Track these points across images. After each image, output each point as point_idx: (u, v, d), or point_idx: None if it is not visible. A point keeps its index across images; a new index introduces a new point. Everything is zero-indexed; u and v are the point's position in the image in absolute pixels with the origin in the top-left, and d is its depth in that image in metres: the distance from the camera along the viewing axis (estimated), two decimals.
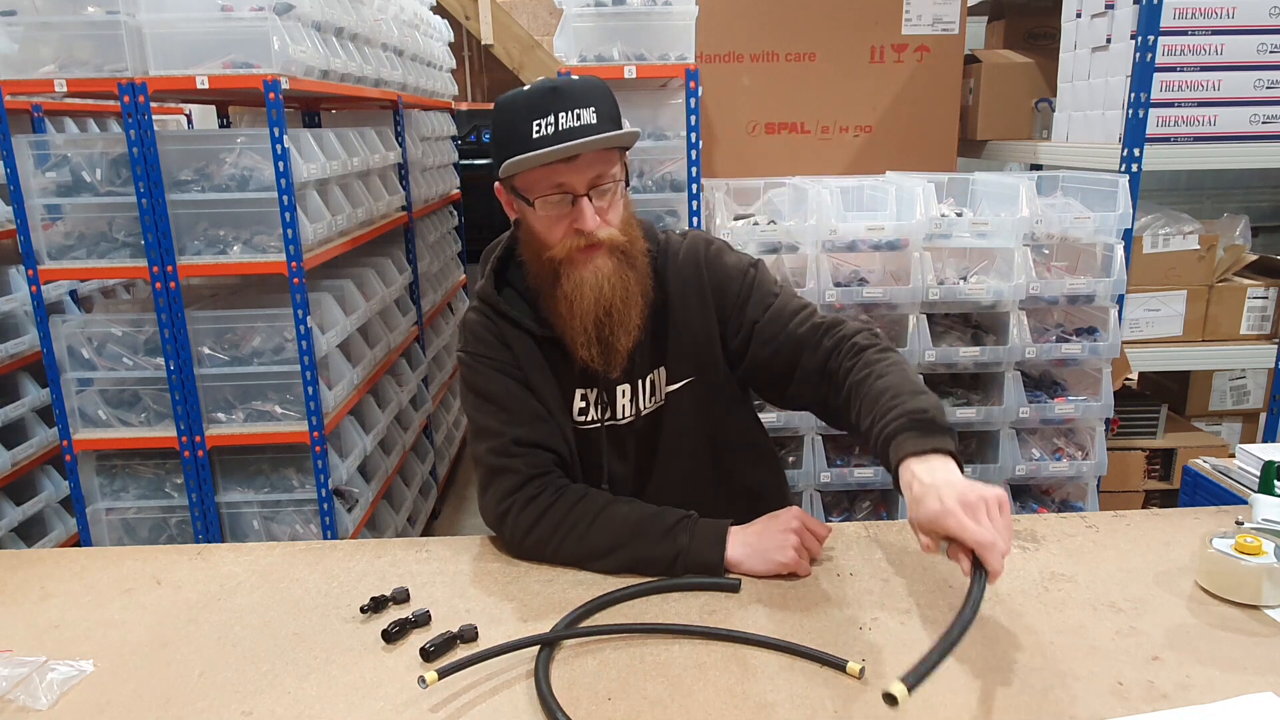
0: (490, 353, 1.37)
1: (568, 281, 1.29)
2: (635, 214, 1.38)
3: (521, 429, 1.34)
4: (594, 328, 1.30)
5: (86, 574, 1.33)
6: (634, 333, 1.33)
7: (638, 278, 1.33)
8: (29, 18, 2.17)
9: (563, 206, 1.28)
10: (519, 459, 1.33)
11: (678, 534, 1.26)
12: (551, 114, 1.23)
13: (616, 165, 1.30)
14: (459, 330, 1.45)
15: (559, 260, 1.29)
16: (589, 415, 1.40)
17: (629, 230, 1.33)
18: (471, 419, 1.39)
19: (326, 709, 0.99)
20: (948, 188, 2.66)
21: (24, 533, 2.92)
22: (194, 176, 2.26)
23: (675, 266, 1.41)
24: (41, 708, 1.00)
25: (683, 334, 1.41)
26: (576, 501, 1.31)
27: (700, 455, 1.47)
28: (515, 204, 1.34)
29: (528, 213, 1.31)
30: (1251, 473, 1.66)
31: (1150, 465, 2.82)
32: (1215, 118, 2.45)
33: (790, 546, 1.24)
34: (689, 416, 1.44)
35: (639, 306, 1.33)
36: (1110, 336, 2.37)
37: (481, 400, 1.37)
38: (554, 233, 1.29)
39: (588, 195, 1.27)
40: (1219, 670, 1.00)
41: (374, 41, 3.04)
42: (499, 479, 1.33)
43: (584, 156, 1.25)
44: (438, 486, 3.77)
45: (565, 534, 1.29)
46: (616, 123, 1.30)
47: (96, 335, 2.38)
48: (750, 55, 3.27)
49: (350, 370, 2.60)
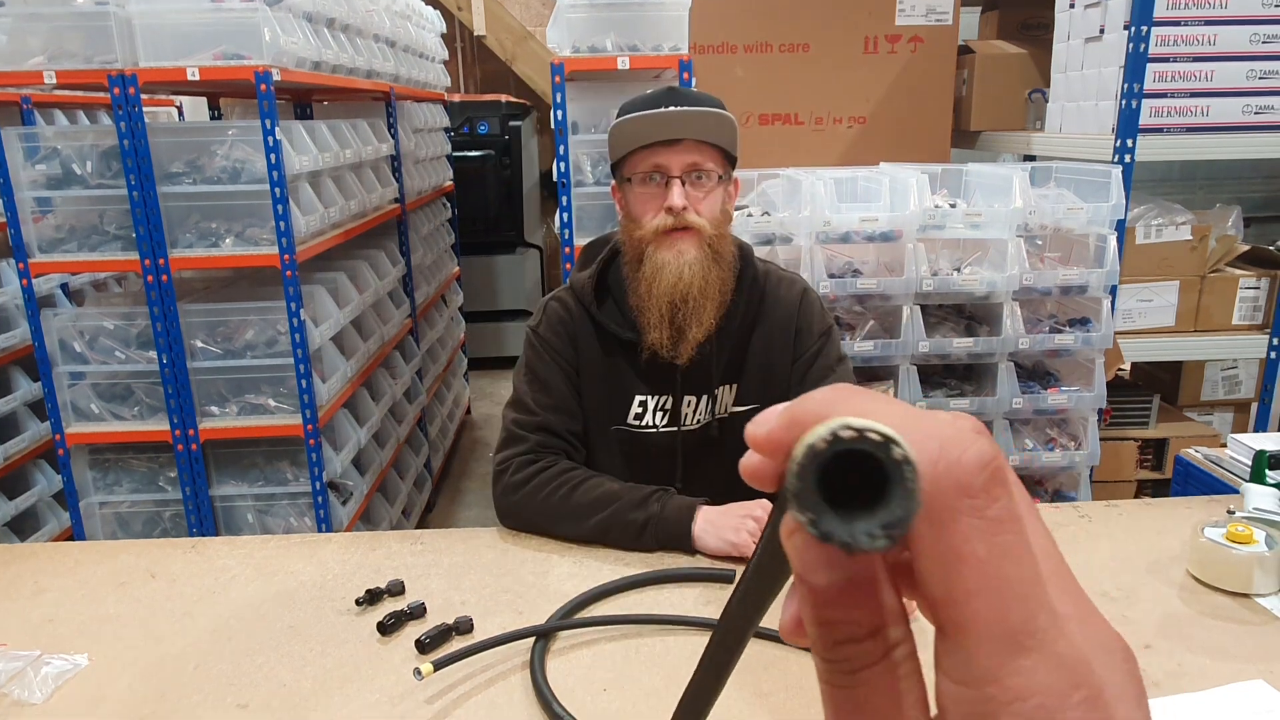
0: (556, 344, 1.47)
1: (650, 263, 1.37)
2: (733, 231, 1.46)
3: (551, 415, 1.44)
4: (668, 310, 1.37)
5: (80, 568, 1.32)
6: (706, 326, 1.39)
7: (720, 275, 1.39)
8: (17, 9, 2.16)
9: (658, 187, 1.36)
10: (536, 436, 1.43)
11: (650, 503, 1.32)
12: (663, 105, 1.36)
13: (715, 162, 1.38)
14: (540, 307, 1.53)
15: (647, 241, 1.37)
16: (645, 420, 1.47)
17: (720, 228, 1.40)
18: (515, 385, 1.50)
19: (322, 701, 0.99)
20: (941, 179, 2.66)
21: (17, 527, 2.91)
22: (185, 169, 2.25)
23: (775, 296, 1.48)
24: (36, 702, 1.00)
25: (762, 360, 1.47)
26: (567, 469, 1.40)
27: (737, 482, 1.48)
28: (620, 189, 1.43)
29: (627, 192, 1.40)
30: (1243, 462, 1.67)
31: (1143, 455, 2.83)
32: (1208, 108, 2.45)
33: (745, 530, 1.28)
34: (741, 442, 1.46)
35: (715, 302, 1.39)
36: (1103, 327, 2.38)
37: (531, 376, 1.47)
38: (647, 211, 1.37)
39: (681, 180, 1.35)
40: (1210, 658, 1.01)
41: (366, 33, 3.03)
42: (512, 444, 1.44)
43: (685, 144, 1.34)
44: (432, 479, 3.77)
45: (550, 493, 1.36)
46: (726, 135, 1.38)
47: (88, 329, 2.37)
48: (744, 46, 3.26)
49: (344, 363, 2.60)
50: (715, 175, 1.38)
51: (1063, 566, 0.23)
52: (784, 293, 1.49)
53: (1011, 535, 0.21)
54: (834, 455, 0.21)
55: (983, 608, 0.21)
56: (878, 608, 0.22)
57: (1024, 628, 0.20)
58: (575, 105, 2.49)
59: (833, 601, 0.22)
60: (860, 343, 2.39)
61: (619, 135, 1.38)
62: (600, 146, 2.51)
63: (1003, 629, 0.20)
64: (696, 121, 1.35)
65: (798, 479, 0.21)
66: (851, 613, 0.22)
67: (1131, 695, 0.21)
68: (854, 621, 0.22)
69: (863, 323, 2.47)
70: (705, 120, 1.36)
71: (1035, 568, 0.21)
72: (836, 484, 0.21)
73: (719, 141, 1.37)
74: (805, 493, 0.21)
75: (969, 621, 0.21)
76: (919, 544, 0.21)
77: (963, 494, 0.21)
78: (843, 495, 0.21)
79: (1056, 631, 0.21)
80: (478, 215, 5.23)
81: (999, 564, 0.21)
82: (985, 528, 0.21)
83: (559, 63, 2.41)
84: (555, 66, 2.41)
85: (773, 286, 1.49)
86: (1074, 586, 0.23)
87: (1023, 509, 0.22)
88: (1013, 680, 0.20)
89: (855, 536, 0.20)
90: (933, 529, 0.21)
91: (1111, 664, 0.21)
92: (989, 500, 0.21)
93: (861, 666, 0.22)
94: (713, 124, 1.36)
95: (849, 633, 0.22)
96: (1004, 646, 0.20)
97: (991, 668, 0.20)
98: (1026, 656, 0.20)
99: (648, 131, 1.34)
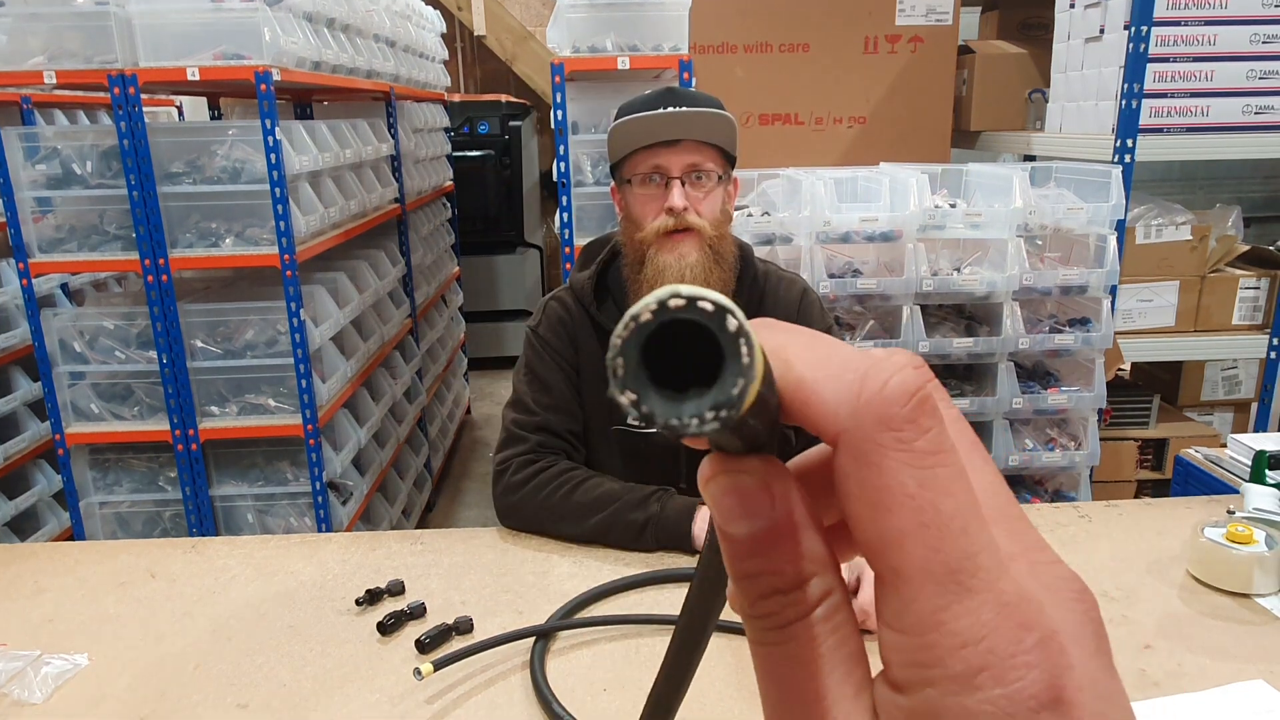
0: (556, 344, 1.47)
1: (651, 266, 1.37)
2: (733, 232, 1.45)
3: (551, 415, 1.44)
4: None
5: (80, 568, 1.32)
6: None
7: (721, 276, 1.39)
8: (17, 8, 2.16)
9: (658, 188, 1.36)
10: (536, 436, 1.43)
11: (650, 503, 1.32)
12: (662, 106, 1.35)
13: (715, 163, 1.38)
14: (540, 307, 1.53)
15: (648, 243, 1.37)
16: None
17: (720, 229, 1.40)
18: (515, 385, 1.50)
19: (322, 701, 0.99)
20: (941, 179, 2.66)
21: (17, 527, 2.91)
22: (185, 169, 2.25)
23: (776, 296, 1.48)
24: (36, 701, 1.00)
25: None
26: (567, 469, 1.40)
27: None
28: (619, 190, 1.43)
29: (627, 194, 1.40)
30: (1243, 462, 1.67)
31: (1143, 455, 2.83)
32: (1208, 108, 2.45)
33: None
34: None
35: None
36: (1103, 327, 2.38)
37: (531, 376, 1.47)
38: (647, 212, 1.37)
39: (681, 180, 1.35)
40: (1210, 658, 1.01)
41: (366, 33, 3.03)
42: (512, 444, 1.44)
43: (685, 144, 1.34)
44: (432, 479, 3.77)
45: (550, 493, 1.36)
46: (725, 134, 1.38)
47: (88, 329, 2.37)
48: (744, 46, 3.26)
49: (344, 363, 2.60)
50: (715, 175, 1.38)
51: (1011, 505, 0.21)
52: (784, 293, 1.49)
53: (943, 468, 0.19)
54: (661, 327, 0.19)
55: (916, 547, 0.19)
56: (800, 555, 0.21)
57: (963, 566, 0.18)
58: (575, 105, 2.49)
59: (753, 552, 0.21)
60: (860, 343, 2.39)
61: (618, 136, 1.38)
62: (600, 146, 2.51)
63: (940, 569, 0.19)
64: (696, 122, 1.35)
65: (620, 354, 0.19)
66: (773, 563, 0.21)
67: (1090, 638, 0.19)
68: (776, 572, 0.21)
69: (863, 323, 2.47)
70: (705, 121, 1.36)
71: (973, 501, 0.19)
72: (673, 366, 0.19)
73: (719, 142, 1.37)
74: (628, 370, 0.19)
75: (903, 564, 0.19)
76: (845, 485, 0.20)
77: (886, 426, 0.19)
78: (683, 380, 0.19)
79: (1000, 570, 0.19)
80: (478, 215, 5.22)
81: (930, 498, 0.19)
82: (912, 460, 0.19)
83: (559, 63, 2.41)
84: (555, 66, 2.41)
85: (773, 286, 1.49)
86: (1024, 526, 0.21)
87: (958, 440, 0.20)
88: (956, 624, 0.18)
89: (683, 418, 0.18)
90: (858, 467, 0.19)
91: (1065, 605, 0.19)
92: (917, 431, 0.19)
93: (789, 620, 0.21)
94: (712, 124, 1.36)
95: (772, 584, 0.21)
96: (943, 588, 0.18)
97: (931, 612, 0.18)
98: (969, 597, 0.18)
99: (647, 132, 1.34)
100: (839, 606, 0.21)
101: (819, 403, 0.20)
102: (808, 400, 0.20)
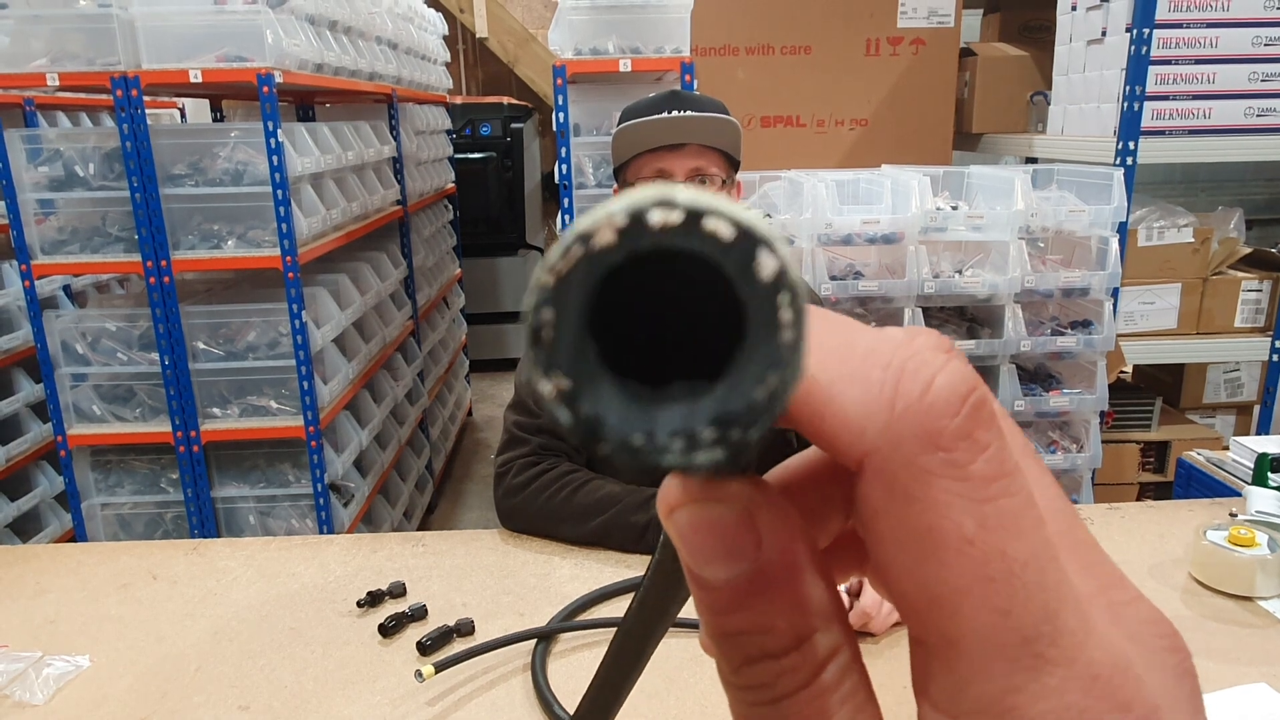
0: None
1: None
2: None
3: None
4: None
5: (82, 569, 1.32)
6: None
7: None
8: (20, 10, 2.16)
9: None
10: (538, 438, 1.44)
11: (652, 505, 1.31)
12: (666, 110, 1.36)
13: (719, 167, 1.39)
14: None
15: None
16: None
17: None
18: (517, 387, 1.51)
19: (323, 703, 0.99)
20: (943, 181, 2.66)
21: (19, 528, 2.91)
22: (187, 171, 2.25)
23: None
24: (38, 703, 1.00)
25: None
26: (569, 472, 1.40)
27: None
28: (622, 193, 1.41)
29: None
30: (1245, 465, 1.67)
31: (1144, 458, 2.83)
32: (1210, 111, 2.45)
33: None
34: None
35: None
36: (1105, 329, 2.38)
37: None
38: None
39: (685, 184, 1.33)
40: (1213, 662, 1.00)
41: (368, 35, 3.03)
42: (514, 446, 1.45)
43: (689, 149, 1.35)
44: (434, 481, 3.77)
45: (552, 495, 1.36)
46: (730, 139, 1.39)
47: (90, 330, 2.37)
48: (745, 48, 3.26)
49: (345, 365, 2.60)
50: (719, 180, 1.38)
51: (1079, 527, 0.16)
52: None
53: (1008, 498, 0.14)
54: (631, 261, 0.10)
55: (979, 610, 0.14)
56: (798, 606, 0.15)
57: (1041, 631, 0.14)
58: (577, 107, 2.50)
59: (735, 604, 0.15)
60: None
61: (622, 140, 1.38)
62: (602, 149, 2.51)
63: (1012, 637, 0.14)
64: (700, 126, 1.35)
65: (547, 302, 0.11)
66: (763, 617, 0.15)
67: (1185, 700, 0.15)
68: (766, 630, 0.15)
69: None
70: (709, 125, 1.36)
71: (1048, 540, 0.14)
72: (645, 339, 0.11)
73: (723, 146, 1.38)
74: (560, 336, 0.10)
75: (961, 631, 0.14)
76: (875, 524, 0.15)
77: (933, 445, 0.14)
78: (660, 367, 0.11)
79: (1086, 632, 0.14)
80: (479, 217, 5.23)
81: (997, 543, 0.14)
82: (970, 490, 0.14)
83: (561, 65, 2.41)
84: (557, 69, 2.41)
85: None
86: (1098, 555, 0.16)
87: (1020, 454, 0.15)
88: (1033, 709, 0.14)
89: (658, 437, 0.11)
90: (894, 502, 0.14)
91: (1159, 663, 0.15)
92: (974, 450, 0.14)
93: (787, 692, 0.15)
94: (717, 128, 1.37)
95: (762, 646, 0.15)
96: (1015, 662, 0.14)
97: (1001, 695, 0.14)
98: (1050, 672, 0.14)
99: (651, 136, 1.35)
100: (849, 667, 0.16)
101: (837, 413, 0.15)
102: (820, 411, 0.15)
